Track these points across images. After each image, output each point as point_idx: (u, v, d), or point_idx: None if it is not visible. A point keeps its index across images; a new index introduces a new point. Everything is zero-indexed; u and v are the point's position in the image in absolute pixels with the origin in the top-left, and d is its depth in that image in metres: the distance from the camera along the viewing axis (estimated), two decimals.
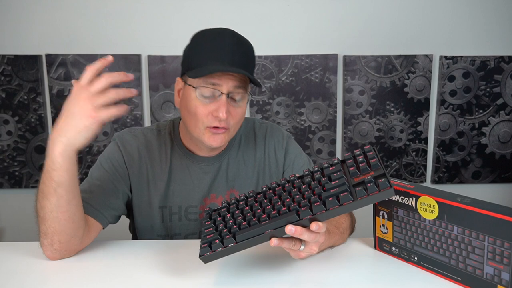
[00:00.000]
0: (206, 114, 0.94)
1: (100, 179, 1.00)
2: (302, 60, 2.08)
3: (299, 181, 0.80)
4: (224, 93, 0.93)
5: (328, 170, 0.78)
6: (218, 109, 0.92)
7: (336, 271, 0.83)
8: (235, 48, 0.93)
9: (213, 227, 0.79)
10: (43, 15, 2.02)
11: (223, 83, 0.92)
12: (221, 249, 0.74)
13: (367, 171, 0.74)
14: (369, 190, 0.70)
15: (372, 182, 0.70)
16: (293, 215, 0.72)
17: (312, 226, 0.71)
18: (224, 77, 0.92)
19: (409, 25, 2.08)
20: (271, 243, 0.73)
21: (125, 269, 0.84)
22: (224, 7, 2.04)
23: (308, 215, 0.71)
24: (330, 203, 0.71)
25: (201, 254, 0.75)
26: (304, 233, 0.72)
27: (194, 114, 0.95)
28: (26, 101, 2.06)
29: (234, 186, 1.08)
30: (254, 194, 0.83)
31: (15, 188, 2.14)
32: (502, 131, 2.17)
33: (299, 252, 0.76)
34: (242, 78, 0.94)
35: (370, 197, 0.70)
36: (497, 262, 0.70)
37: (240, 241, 0.74)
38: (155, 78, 2.06)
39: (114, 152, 1.04)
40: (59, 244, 0.86)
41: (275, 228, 0.73)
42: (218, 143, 0.97)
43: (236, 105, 0.96)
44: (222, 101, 0.93)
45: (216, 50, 0.92)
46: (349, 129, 2.15)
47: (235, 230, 0.75)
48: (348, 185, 0.73)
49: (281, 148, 1.11)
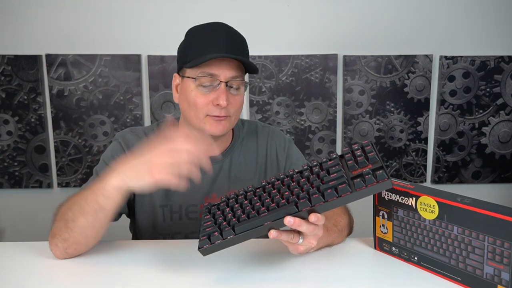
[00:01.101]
0: (206, 103, 0.96)
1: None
2: (302, 60, 2.08)
3: (298, 175, 0.81)
4: (223, 81, 0.95)
5: (327, 164, 0.79)
6: (218, 98, 0.94)
7: (336, 270, 0.83)
8: (229, 38, 0.96)
9: (212, 221, 0.79)
10: (43, 15, 2.02)
11: (220, 73, 0.94)
12: (220, 241, 0.74)
13: (365, 164, 0.75)
14: (367, 181, 0.70)
15: (370, 174, 0.71)
16: (292, 207, 0.73)
17: (311, 217, 0.72)
18: (221, 66, 0.94)
19: (409, 25, 2.08)
20: (270, 234, 0.73)
21: (125, 269, 0.84)
22: (224, 7, 2.04)
23: (306, 206, 0.72)
24: (328, 195, 0.71)
25: (200, 246, 0.75)
26: (302, 225, 0.72)
27: (194, 104, 0.97)
28: (26, 101, 2.06)
29: (236, 187, 1.08)
30: (253, 188, 0.84)
31: (15, 188, 2.13)
32: (502, 131, 2.17)
33: (297, 245, 0.76)
34: (238, 67, 0.97)
35: (368, 189, 0.70)
36: (497, 262, 0.70)
37: (239, 233, 0.74)
38: (155, 78, 2.06)
39: (118, 150, 1.05)
40: (74, 251, 0.88)
41: (274, 219, 0.73)
42: (220, 130, 0.98)
43: (235, 93, 0.98)
44: (221, 89, 0.95)
45: (211, 40, 0.95)
46: (349, 129, 2.15)
47: (234, 223, 0.75)
48: (347, 178, 0.74)
49: (282, 151, 1.12)
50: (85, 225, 0.84)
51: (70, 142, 2.09)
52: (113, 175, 0.80)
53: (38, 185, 2.13)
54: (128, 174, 0.78)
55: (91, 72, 2.05)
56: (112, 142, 1.08)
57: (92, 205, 0.82)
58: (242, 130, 1.13)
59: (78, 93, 2.06)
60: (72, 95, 2.06)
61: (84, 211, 0.83)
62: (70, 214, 0.85)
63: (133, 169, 0.78)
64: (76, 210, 0.84)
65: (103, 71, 2.05)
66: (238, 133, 1.12)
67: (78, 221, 0.84)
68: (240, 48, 0.98)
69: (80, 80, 2.05)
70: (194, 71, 0.96)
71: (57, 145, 2.09)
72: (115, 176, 0.79)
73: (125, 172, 0.79)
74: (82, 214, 0.83)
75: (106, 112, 2.08)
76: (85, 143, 2.10)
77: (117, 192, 0.80)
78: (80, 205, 0.84)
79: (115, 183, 0.79)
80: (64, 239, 0.86)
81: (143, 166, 0.77)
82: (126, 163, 0.80)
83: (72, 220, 0.84)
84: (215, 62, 0.94)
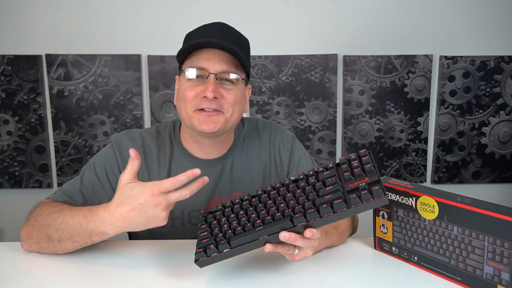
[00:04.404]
0: (194, 95, 0.94)
1: (90, 187, 1.00)
2: (302, 60, 2.08)
3: (293, 185, 0.80)
4: (212, 73, 0.93)
5: (323, 175, 0.78)
6: (205, 89, 0.92)
7: (336, 271, 0.83)
8: (223, 30, 0.95)
9: (208, 231, 0.80)
10: (43, 15, 2.01)
11: (210, 66, 0.93)
12: (216, 254, 0.75)
13: (361, 177, 0.74)
14: (363, 197, 0.70)
15: (366, 189, 0.71)
16: (287, 222, 0.72)
17: (306, 233, 0.71)
18: (212, 59, 0.93)
19: (409, 25, 2.08)
20: (265, 249, 0.73)
21: (122, 269, 0.84)
22: (224, 7, 2.04)
23: (302, 222, 0.72)
24: (324, 210, 0.71)
25: (197, 259, 0.75)
26: (298, 240, 0.72)
27: (183, 98, 0.95)
28: (26, 101, 2.06)
29: (239, 189, 1.05)
30: (249, 197, 0.83)
31: (15, 188, 2.13)
32: (502, 131, 2.17)
33: (294, 256, 0.76)
34: (232, 62, 0.94)
35: (364, 205, 0.70)
36: (497, 262, 0.70)
37: (235, 246, 0.74)
38: (155, 78, 2.06)
39: (109, 156, 1.02)
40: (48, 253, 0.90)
41: (269, 234, 0.73)
42: (211, 128, 0.94)
43: (229, 87, 0.95)
44: (210, 81, 0.93)
45: (206, 31, 0.95)
46: (349, 129, 2.15)
47: (229, 235, 0.76)
48: (343, 191, 0.74)
49: (286, 150, 1.10)
50: (71, 247, 0.86)
51: (70, 142, 2.09)
52: (111, 227, 0.80)
53: (38, 185, 2.13)
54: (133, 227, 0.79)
55: (91, 72, 2.05)
56: (106, 145, 1.06)
57: (84, 238, 0.83)
58: (243, 129, 1.10)
59: (78, 93, 2.06)
60: (72, 95, 2.06)
61: (73, 240, 0.84)
62: (55, 235, 0.85)
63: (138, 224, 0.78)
64: (63, 235, 0.84)
65: (103, 71, 2.05)
66: (239, 132, 1.09)
67: (64, 243, 0.85)
68: (237, 41, 0.95)
69: (80, 80, 2.05)
70: (186, 65, 0.96)
71: (57, 145, 2.09)
72: (114, 228, 0.80)
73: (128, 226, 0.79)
74: (71, 241, 0.84)
75: (106, 112, 2.08)
76: (85, 143, 2.10)
77: (113, 235, 0.82)
78: (69, 233, 0.84)
79: (114, 232, 0.81)
80: (41, 246, 0.88)
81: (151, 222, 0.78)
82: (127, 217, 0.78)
83: (57, 240, 0.85)
84: (206, 55, 0.92)
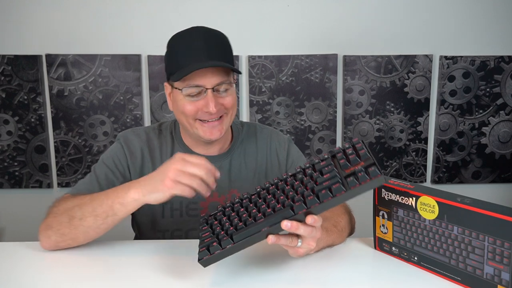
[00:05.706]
0: (195, 110, 0.98)
1: (103, 177, 1.04)
2: (302, 60, 2.08)
3: (291, 178, 0.81)
4: (209, 88, 0.96)
5: (319, 165, 0.79)
6: (207, 105, 0.96)
7: (336, 271, 0.83)
8: (208, 43, 0.97)
9: (210, 231, 0.80)
10: (43, 15, 2.01)
11: (206, 82, 0.96)
12: (220, 251, 0.74)
13: (357, 161, 0.75)
14: (360, 179, 0.71)
15: (362, 171, 0.71)
16: (287, 211, 0.73)
17: (308, 219, 0.72)
18: (206, 75, 0.95)
19: (409, 25, 2.08)
20: (268, 240, 0.73)
21: (126, 269, 0.85)
22: (224, 7, 2.04)
23: (302, 209, 0.72)
24: (323, 196, 0.72)
25: (200, 258, 0.75)
26: (300, 228, 0.72)
27: (183, 112, 0.99)
28: (26, 101, 2.06)
29: (236, 187, 1.09)
30: (248, 195, 0.84)
31: (15, 188, 2.13)
32: (502, 131, 2.17)
33: (297, 248, 0.77)
34: (222, 70, 0.97)
35: (362, 186, 0.71)
36: (497, 262, 0.70)
37: (238, 241, 0.74)
38: (155, 78, 2.06)
39: (117, 151, 1.08)
40: (65, 245, 0.92)
41: (271, 225, 0.73)
42: (216, 135, 1.01)
43: (224, 94, 1.00)
44: (208, 96, 0.96)
45: (191, 49, 0.96)
46: (349, 129, 2.15)
47: (232, 231, 0.76)
48: (340, 177, 0.74)
49: (283, 151, 1.14)
50: (92, 225, 0.87)
51: (70, 142, 2.09)
52: (133, 189, 0.85)
53: (38, 185, 2.13)
54: (145, 190, 0.84)
55: (91, 72, 2.05)
56: (114, 142, 1.11)
57: (106, 209, 0.86)
58: (242, 132, 1.15)
59: (78, 93, 2.06)
60: (72, 95, 2.06)
61: (95, 213, 0.87)
62: (78, 213, 0.88)
63: (149, 183, 0.84)
64: (86, 210, 0.88)
65: (103, 71, 2.05)
66: (238, 134, 1.13)
67: (86, 221, 0.87)
68: (221, 51, 0.99)
69: (80, 80, 2.05)
70: (180, 83, 0.98)
71: (57, 145, 2.09)
72: (134, 190, 0.85)
73: (142, 187, 0.84)
74: (93, 215, 0.87)
75: (106, 112, 2.08)
76: (85, 143, 2.10)
77: (134, 203, 0.85)
78: (92, 207, 0.87)
79: (135, 196, 0.84)
80: (61, 233, 0.89)
81: (157, 181, 0.83)
82: (146, 178, 0.86)
83: (79, 219, 0.88)
84: (199, 73, 0.95)
